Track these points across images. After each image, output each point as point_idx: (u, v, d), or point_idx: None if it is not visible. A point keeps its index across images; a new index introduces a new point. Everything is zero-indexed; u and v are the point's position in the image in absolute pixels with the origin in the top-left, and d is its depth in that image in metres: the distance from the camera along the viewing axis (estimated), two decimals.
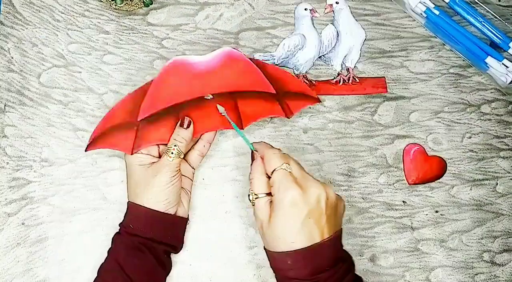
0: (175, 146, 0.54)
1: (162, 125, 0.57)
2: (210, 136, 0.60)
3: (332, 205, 0.49)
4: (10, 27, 0.65)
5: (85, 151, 0.56)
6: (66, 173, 0.62)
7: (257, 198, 0.50)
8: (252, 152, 0.54)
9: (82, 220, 0.61)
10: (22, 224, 0.61)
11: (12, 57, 0.64)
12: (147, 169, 0.55)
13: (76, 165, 0.62)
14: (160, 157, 0.57)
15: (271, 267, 0.51)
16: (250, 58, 0.58)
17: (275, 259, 0.49)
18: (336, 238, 0.50)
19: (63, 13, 0.66)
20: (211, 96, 0.58)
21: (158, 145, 0.57)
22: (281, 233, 0.48)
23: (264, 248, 0.52)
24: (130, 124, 0.56)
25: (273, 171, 0.50)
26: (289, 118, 0.60)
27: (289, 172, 0.49)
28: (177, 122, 0.57)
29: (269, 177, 0.51)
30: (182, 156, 0.55)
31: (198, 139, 0.60)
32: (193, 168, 0.60)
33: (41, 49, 0.65)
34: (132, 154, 0.55)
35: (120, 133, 0.56)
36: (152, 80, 0.56)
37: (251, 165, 0.53)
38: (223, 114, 0.58)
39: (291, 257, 0.48)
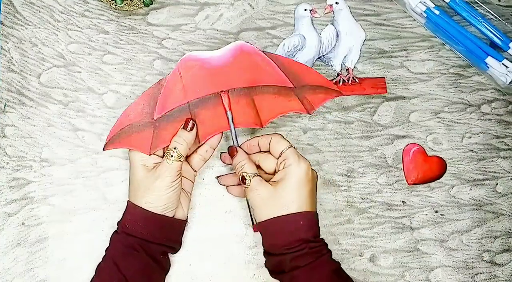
0: (175, 148, 0.54)
1: (178, 124, 0.56)
2: (214, 142, 0.58)
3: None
4: (10, 27, 0.65)
5: (103, 150, 0.56)
6: (66, 173, 0.62)
7: (254, 176, 0.54)
8: (230, 147, 0.57)
9: (82, 220, 0.61)
10: (22, 224, 0.61)
11: (12, 57, 0.64)
12: (149, 172, 0.55)
13: (76, 165, 0.62)
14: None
15: (273, 237, 0.54)
16: (263, 52, 0.57)
17: (287, 222, 0.53)
18: None
19: (63, 13, 0.66)
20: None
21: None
22: (297, 197, 0.53)
23: (255, 224, 0.56)
24: (148, 124, 0.56)
25: (282, 150, 0.55)
26: (310, 114, 0.59)
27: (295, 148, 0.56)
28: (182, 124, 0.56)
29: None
30: (182, 159, 0.55)
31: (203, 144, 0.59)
32: (194, 171, 0.59)
33: (41, 49, 0.65)
34: (150, 154, 0.55)
35: (137, 133, 0.56)
36: (166, 77, 0.56)
37: (234, 157, 0.56)
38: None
39: (304, 217, 0.53)
